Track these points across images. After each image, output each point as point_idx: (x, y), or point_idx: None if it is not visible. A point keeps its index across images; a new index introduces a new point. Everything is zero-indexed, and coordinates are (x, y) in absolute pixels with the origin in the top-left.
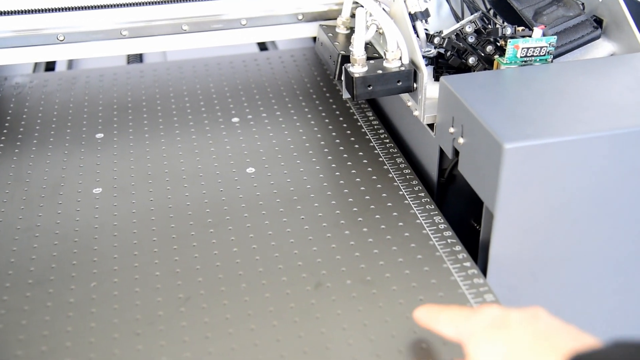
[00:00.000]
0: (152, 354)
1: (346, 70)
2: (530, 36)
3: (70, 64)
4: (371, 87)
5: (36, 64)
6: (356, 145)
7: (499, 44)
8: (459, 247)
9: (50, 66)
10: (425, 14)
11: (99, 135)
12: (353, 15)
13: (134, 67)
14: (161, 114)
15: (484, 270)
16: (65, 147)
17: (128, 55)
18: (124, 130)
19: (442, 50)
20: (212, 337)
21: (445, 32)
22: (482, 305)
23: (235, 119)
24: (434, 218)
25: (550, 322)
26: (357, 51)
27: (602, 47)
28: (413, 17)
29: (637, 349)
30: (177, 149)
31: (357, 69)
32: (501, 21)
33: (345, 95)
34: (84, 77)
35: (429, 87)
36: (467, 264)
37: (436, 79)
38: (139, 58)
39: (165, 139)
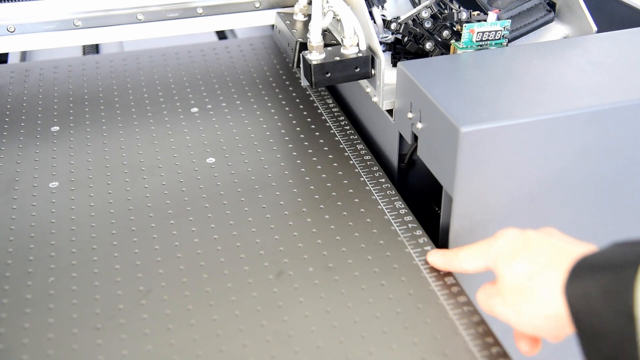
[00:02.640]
0: (113, 348)
1: (304, 58)
2: (485, 20)
3: (24, 55)
4: (329, 74)
5: None
6: (317, 133)
7: (455, 29)
8: (419, 232)
9: (2, 58)
10: (381, 0)
11: (55, 128)
12: (310, 2)
13: (89, 58)
14: (119, 106)
15: None
16: (20, 141)
17: (84, 46)
18: (81, 122)
19: (399, 36)
20: (174, 329)
21: (402, 18)
22: (500, 232)
23: (194, 109)
24: (395, 203)
25: (561, 237)
26: (314, 38)
27: (556, 30)
28: (369, 3)
29: (634, 245)
30: (136, 141)
31: (315, 56)
32: (457, 6)
33: (304, 82)
34: (37, 69)
35: (387, 73)
36: (428, 247)
37: (394, 64)
38: (95, 49)
39: (123, 130)
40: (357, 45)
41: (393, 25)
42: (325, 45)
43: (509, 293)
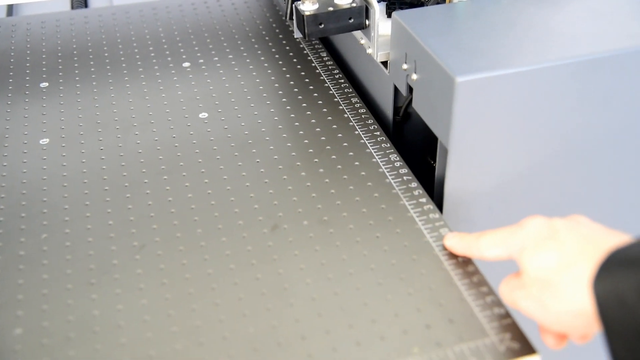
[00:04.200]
0: (107, 303)
1: (296, 9)
2: None
3: (10, 10)
4: (322, 25)
5: None
6: (311, 87)
7: None
8: (414, 184)
9: None
10: None
11: (44, 85)
12: None
13: (77, 12)
14: (109, 61)
15: (440, 206)
16: (8, 98)
17: (72, 0)
18: (70, 78)
19: None
20: (169, 284)
21: None
22: (525, 220)
23: (186, 64)
24: (390, 156)
25: (591, 226)
26: None
27: None
28: None
29: None
30: (127, 96)
31: (308, 6)
32: None
33: (297, 34)
34: (24, 24)
35: (382, 24)
36: (423, 199)
37: (389, 15)
38: (83, 3)
39: (114, 86)
40: None
41: None
42: None
43: (534, 286)
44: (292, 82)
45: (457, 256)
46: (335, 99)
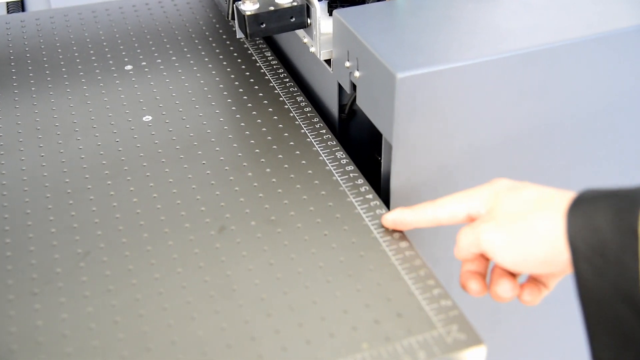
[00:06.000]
0: (52, 312)
1: (237, 9)
2: None
3: None
4: (264, 25)
5: None
6: (256, 87)
7: None
8: (361, 181)
9: None
10: None
11: None
12: None
13: (14, 16)
14: (47, 66)
15: (387, 201)
16: None
17: (7, 3)
18: (7, 84)
19: None
20: (115, 290)
21: None
22: (494, 180)
23: (128, 67)
24: (336, 154)
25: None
26: None
27: None
28: None
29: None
30: (67, 101)
31: (249, 6)
32: None
33: (239, 34)
34: None
35: (323, 22)
36: (370, 196)
37: (330, 13)
38: (20, 6)
39: (54, 91)
40: None
41: None
42: None
43: (506, 219)
44: (236, 83)
45: (404, 250)
46: (281, 99)
